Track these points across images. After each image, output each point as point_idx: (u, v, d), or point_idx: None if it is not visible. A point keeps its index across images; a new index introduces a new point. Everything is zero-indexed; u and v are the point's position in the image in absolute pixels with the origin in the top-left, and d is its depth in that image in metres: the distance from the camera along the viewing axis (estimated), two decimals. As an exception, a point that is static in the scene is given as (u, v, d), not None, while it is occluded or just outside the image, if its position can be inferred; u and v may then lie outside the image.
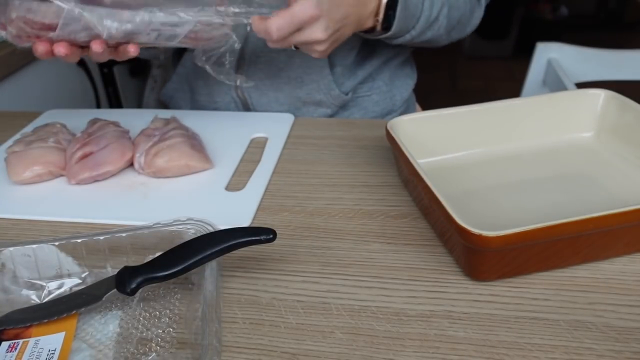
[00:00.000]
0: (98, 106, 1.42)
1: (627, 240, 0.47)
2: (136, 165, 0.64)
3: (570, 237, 0.44)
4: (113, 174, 0.64)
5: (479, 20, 0.78)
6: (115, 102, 1.53)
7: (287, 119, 0.77)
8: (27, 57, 1.16)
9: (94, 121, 0.70)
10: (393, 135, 0.55)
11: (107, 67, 1.48)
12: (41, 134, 0.67)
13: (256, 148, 0.70)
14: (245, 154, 0.69)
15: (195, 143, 0.65)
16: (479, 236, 0.41)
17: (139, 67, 1.62)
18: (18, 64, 1.14)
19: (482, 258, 0.44)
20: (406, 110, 0.90)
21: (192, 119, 0.75)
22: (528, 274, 0.47)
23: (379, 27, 0.66)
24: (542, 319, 0.43)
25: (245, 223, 0.55)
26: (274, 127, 0.74)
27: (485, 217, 0.52)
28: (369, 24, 0.65)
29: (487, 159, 0.61)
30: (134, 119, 0.74)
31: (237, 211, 0.57)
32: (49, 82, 1.26)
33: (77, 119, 0.75)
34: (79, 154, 0.63)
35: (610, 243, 0.47)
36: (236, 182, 0.63)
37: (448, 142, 0.61)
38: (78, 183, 0.63)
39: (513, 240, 0.42)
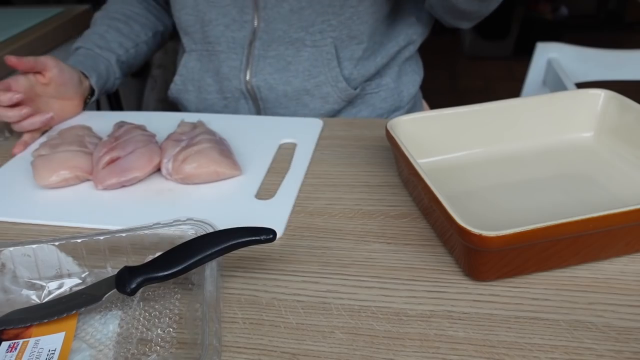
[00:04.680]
0: (98, 106, 1.42)
1: (627, 240, 0.47)
2: (164, 171, 0.62)
3: (571, 237, 0.44)
4: (140, 180, 0.63)
5: None
6: (115, 102, 1.53)
7: (316, 124, 0.74)
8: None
9: (120, 125, 0.69)
10: (393, 135, 0.55)
11: (107, 67, 1.48)
12: (67, 137, 0.66)
13: (285, 154, 0.67)
14: (273, 161, 0.66)
15: (223, 149, 0.64)
16: (479, 236, 0.41)
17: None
18: (18, 64, 1.13)
19: (482, 258, 0.44)
20: (413, 106, 0.91)
21: (217, 123, 0.72)
22: (528, 274, 0.47)
23: None
24: (542, 319, 0.43)
25: (280, 231, 0.53)
26: (301, 132, 0.72)
27: (485, 217, 0.52)
28: None
29: (487, 159, 0.61)
30: (158, 122, 0.72)
31: (268, 221, 0.53)
32: (49, 82, 1.26)
33: (101, 121, 0.74)
34: (106, 158, 0.62)
35: (611, 243, 0.47)
36: (266, 190, 0.61)
37: (448, 142, 0.61)
38: (105, 188, 0.61)
39: (513, 240, 0.42)
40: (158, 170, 0.63)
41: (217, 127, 0.70)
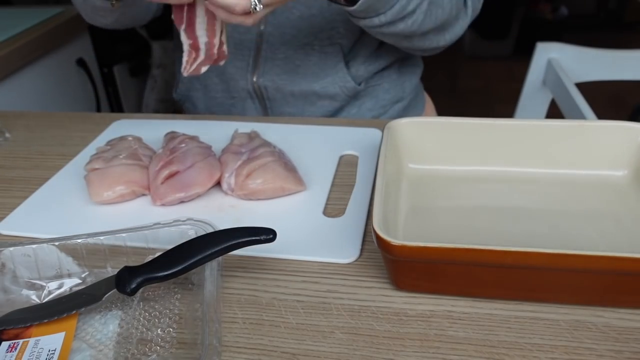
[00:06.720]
0: (98, 106, 1.42)
1: (562, 289, 0.43)
2: (224, 186, 0.59)
3: (492, 266, 0.41)
4: (199, 195, 0.59)
5: (462, 31, 0.74)
6: (115, 102, 1.53)
7: (375, 134, 0.70)
8: (27, 57, 1.16)
9: (172, 135, 0.65)
10: (384, 136, 0.54)
11: (107, 67, 1.49)
12: (119, 149, 0.62)
13: (346, 167, 0.64)
14: (336, 174, 0.63)
15: (287, 163, 0.61)
16: (387, 243, 0.41)
17: (139, 67, 1.63)
18: (18, 64, 1.14)
19: (392, 264, 0.44)
20: (415, 96, 0.92)
21: (268, 132, 0.69)
22: (447, 294, 0.45)
23: None
24: (542, 319, 0.43)
25: (355, 255, 0.51)
26: (361, 143, 0.68)
27: (451, 234, 0.50)
28: None
29: (487, 177, 0.57)
30: (204, 130, 0.70)
31: (341, 241, 0.52)
32: (49, 82, 1.26)
33: (148, 129, 0.72)
34: (165, 173, 0.58)
35: (543, 285, 0.43)
36: (333, 207, 0.57)
37: (452, 152, 0.57)
38: (163, 204, 0.58)
39: (419, 253, 0.41)
40: (217, 184, 0.60)
41: (269, 137, 0.66)
